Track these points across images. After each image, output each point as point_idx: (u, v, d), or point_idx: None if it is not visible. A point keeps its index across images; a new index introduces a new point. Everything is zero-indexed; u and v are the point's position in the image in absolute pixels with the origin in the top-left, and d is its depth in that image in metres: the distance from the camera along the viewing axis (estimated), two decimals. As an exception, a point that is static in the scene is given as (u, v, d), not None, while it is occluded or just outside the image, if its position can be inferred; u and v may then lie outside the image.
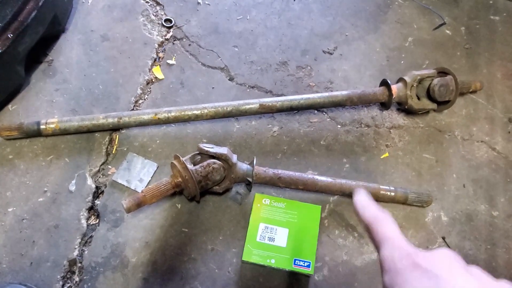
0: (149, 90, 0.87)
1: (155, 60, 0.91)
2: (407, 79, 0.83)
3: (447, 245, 0.76)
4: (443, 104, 0.85)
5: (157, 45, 0.92)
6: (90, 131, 0.79)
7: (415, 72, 0.83)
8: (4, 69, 0.76)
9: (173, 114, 0.78)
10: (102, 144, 0.79)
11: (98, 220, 0.73)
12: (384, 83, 0.84)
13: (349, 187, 0.74)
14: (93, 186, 0.75)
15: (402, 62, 0.96)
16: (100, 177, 0.77)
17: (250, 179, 0.72)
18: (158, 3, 0.98)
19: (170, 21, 0.96)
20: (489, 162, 0.85)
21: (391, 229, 0.37)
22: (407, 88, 0.83)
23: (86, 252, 0.70)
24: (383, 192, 0.75)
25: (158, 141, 0.81)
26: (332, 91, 0.89)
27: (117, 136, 0.81)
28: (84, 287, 0.67)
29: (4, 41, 0.73)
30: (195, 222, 0.74)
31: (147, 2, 0.98)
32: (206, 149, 0.70)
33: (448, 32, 1.01)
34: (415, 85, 0.83)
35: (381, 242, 0.36)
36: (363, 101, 0.83)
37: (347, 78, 0.92)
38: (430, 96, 0.84)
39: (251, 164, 0.73)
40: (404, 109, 0.87)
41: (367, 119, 0.88)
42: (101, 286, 0.67)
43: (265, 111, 0.80)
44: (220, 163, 0.70)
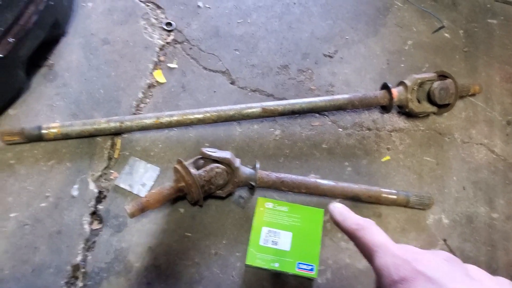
0: (150, 94, 0.87)
1: (156, 64, 0.90)
2: (408, 82, 0.84)
3: (448, 247, 0.77)
4: (443, 107, 0.86)
5: (158, 49, 0.92)
6: (92, 135, 0.78)
7: (415, 76, 0.84)
8: (5, 73, 0.75)
9: (175, 118, 0.78)
10: (104, 148, 0.79)
11: (101, 225, 0.72)
12: (385, 86, 0.85)
13: (351, 190, 0.75)
14: (96, 191, 0.75)
15: (402, 65, 0.96)
16: (102, 181, 0.76)
17: (253, 183, 0.72)
18: (159, 7, 0.98)
19: (170, 24, 0.95)
20: (488, 165, 0.86)
21: (380, 236, 0.35)
22: (407, 92, 0.83)
23: (90, 257, 0.70)
24: (385, 195, 0.75)
25: (160, 145, 0.81)
26: (333, 95, 0.89)
27: (119, 140, 0.80)
28: (87, 293, 0.67)
29: (5, 46, 0.73)
30: (198, 226, 0.74)
31: (147, 5, 0.98)
32: (209, 153, 0.70)
33: (447, 35, 1.02)
34: (415, 89, 0.83)
35: (373, 251, 0.34)
36: (364, 105, 0.83)
37: (347, 81, 0.93)
38: (430, 99, 0.84)
39: (254, 168, 0.73)
40: (405, 112, 0.87)
41: (368, 122, 0.88)
42: (104, 292, 0.67)
43: (267, 115, 0.80)
44: (223, 167, 0.70)
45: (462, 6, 1.07)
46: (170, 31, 0.95)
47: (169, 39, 0.94)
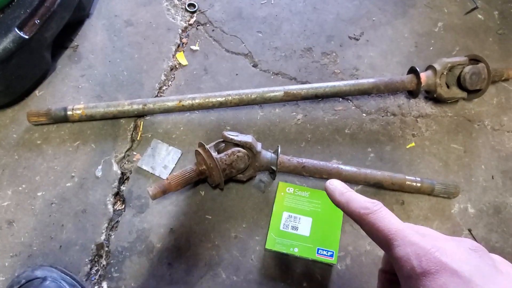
0: (172, 76, 0.87)
1: (178, 46, 0.90)
2: (437, 66, 0.80)
3: (473, 237, 0.75)
4: (473, 92, 0.82)
5: (180, 31, 0.92)
6: (115, 117, 0.79)
7: (445, 60, 0.80)
8: (32, 55, 0.76)
9: (197, 101, 0.78)
10: (127, 130, 0.80)
11: (123, 206, 0.74)
12: (413, 70, 0.82)
13: (374, 177, 0.73)
14: (119, 172, 0.76)
15: (431, 48, 0.93)
16: (125, 163, 0.78)
17: (274, 168, 0.72)
18: (181, -13, 0.97)
19: (193, 5, 0.94)
20: (520, 153, 0.82)
21: (394, 221, 0.31)
22: (436, 76, 0.80)
23: (113, 236, 0.71)
24: (409, 183, 0.74)
25: (182, 128, 0.81)
26: (357, 78, 0.87)
27: (142, 122, 0.81)
28: (111, 271, 0.69)
29: (32, 27, 0.74)
30: (218, 209, 0.74)
31: (170, -14, 0.97)
32: (231, 137, 0.70)
33: (480, 16, 0.97)
34: (445, 73, 0.80)
35: (390, 239, 0.30)
36: (390, 89, 0.81)
37: (373, 65, 0.90)
38: (460, 84, 0.81)
39: (276, 153, 0.73)
40: (433, 97, 0.84)
41: (393, 107, 0.86)
42: (127, 270, 0.69)
43: (290, 99, 0.79)
44: (244, 151, 0.69)
45: (498, -14, 1.02)
46: (193, 12, 0.94)
47: (191, 21, 0.94)
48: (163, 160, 0.77)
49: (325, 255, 0.66)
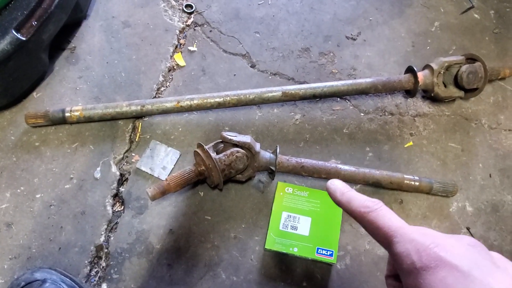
0: (170, 77, 0.87)
1: (176, 47, 0.90)
2: (434, 66, 0.81)
3: (472, 235, 0.75)
4: (470, 91, 0.83)
5: (178, 32, 0.92)
6: (113, 118, 0.79)
7: (442, 59, 0.81)
8: (29, 56, 0.76)
9: (195, 102, 0.78)
10: (125, 131, 0.80)
11: (123, 207, 0.74)
12: (410, 70, 0.82)
13: (373, 176, 0.73)
14: (118, 173, 0.76)
15: (428, 47, 0.93)
16: (124, 164, 0.77)
17: (273, 168, 0.72)
18: (179, -12, 0.97)
19: (191, 6, 0.95)
20: (517, 152, 0.83)
21: (394, 219, 0.32)
22: (433, 75, 0.81)
23: (112, 238, 0.71)
24: (407, 182, 0.74)
25: (180, 128, 0.81)
26: (355, 78, 0.88)
27: (140, 123, 0.81)
28: (110, 272, 0.69)
29: (29, 29, 0.74)
30: (218, 210, 0.74)
31: (167, -13, 0.97)
32: (230, 137, 0.70)
33: (476, 16, 0.98)
34: (442, 72, 0.81)
35: (390, 236, 0.31)
36: (388, 89, 0.81)
37: (370, 64, 0.90)
38: (457, 83, 0.81)
39: (274, 153, 0.73)
40: (430, 96, 0.85)
41: (391, 107, 0.86)
42: (127, 272, 0.69)
43: (288, 99, 0.79)
44: (243, 151, 0.69)
45: (494, -15, 1.02)
46: (190, 13, 0.94)
47: (189, 22, 0.94)
48: (162, 161, 0.77)
49: (324, 254, 0.66)
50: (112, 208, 0.74)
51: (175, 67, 0.88)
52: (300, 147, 0.81)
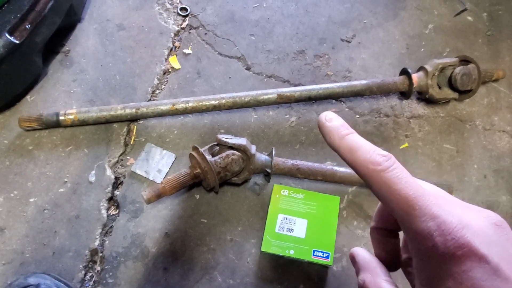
0: (165, 80, 0.87)
1: (171, 50, 0.90)
2: (428, 67, 0.81)
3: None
4: (465, 93, 0.83)
5: (173, 34, 0.92)
6: (108, 122, 0.79)
7: (436, 61, 0.81)
8: (23, 60, 0.76)
9: (190, 104, 0.77)
10: (120, 134, 0.79)
11: (118, 211, 0.73)
12: (405, 72, 0.83)
13: (369, 178, 0.73)
14: (112, 176, 0.76)
15: (422, 50, 0.94)
16: (119, 167, 0.77)
17: (269, 170, 0.72)
18: (173, -9, 0.97)
19: (185, 9, 0.94)
20: (511, 152, 0.83)
21: (413, 184, 0.25)
22: (428, 77, 0.81)
23: (107, 242, 0.71)
24: (403, 183, 0.74)
25: (175, 131, 0.81)
26: (350, 80, 0.88)
27: (135, 126, 0.81)
28: (105, 277, 0.68)
29: (22, 32, 0.73)
30: (213, 212, 0.74)
31: (162, -10, 0.97)
32: (225, 140, 0.69)
33: (469, 18, 0.99)
34: (436, 74, 0.81)
35: (407, 208, 0.24)
36: (382, 91, 0.81)
37: (365, 67, 0.91)
38: (451, 85, 0.82)
39: (270, 155, 0.73)
40: (425, 98, 0.85)
41: (386, 108, 0.86)
42: (122, 276, 0.68)
43: (283, 101, 0.79)
44: (239, 154, 0.69)
45: (486, -12, 1.03)
46: (185, 16, 0.94)
47: (184, 25, 0.94)
48: (157, 164, 0.77)
49: (321, 256, 0.66)
50: (107, 212, 0.73)
51: (170, 70, 0.88)
52: (295, 149, 0.81)
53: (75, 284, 0.67)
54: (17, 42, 0.72)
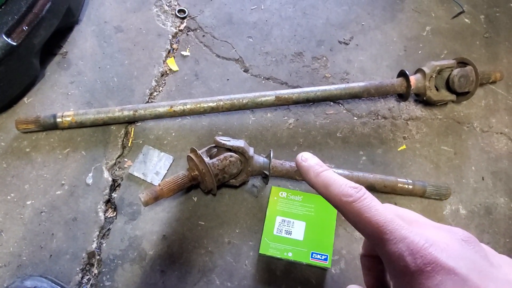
0: (163, 82, 0.86)
1: (169, 52, 0.90)
2: (426, 69, 0.81)
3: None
4: (462, 95, 0.84)
5: (171, 36, 0.92)
6: (106, 124, 0.78)
7: (434, 63, 0.81)
8: (20, 62, 0.76)
9: (188, 106, 0.77)
10: (118, 137, 0.79)
11: (115, 213, 0.73)
12: (402, 74, 0.83)
13: (366, 180, 0.73)
14: (110, 179, 0.75)
15: (419, 52, 0.94)
16: (116, 170, 0.77)
17: (267, 172, 0.72)
18: (171, -7, 0.97)
19: (183, 11, 0.94)
20: (508, 154, 0.83)
21: (383, 211, 0.28)
22: (425, 79, 0.81)
23: (104, 244, 0.70)
24: (401, 185, 0.74)
25: (173, 133, 0.81)
26: (348, 82, 0.88)
27: (133, 128, 0.80)
28: (103, 279, 0.68)
29: (20, 34, 0.73)
30: (211, 215, 0.74)
31: (160, -8, 0.97)
32: (223, 142, 0.69)
33: (467, 20, 0.99)
34: (434, 76, 0.81)
35: (380, 233, 0.27)
36: (380, 93, 0.81)
37: (363, 69, 0.91)
38: (449, 87, 0.82)
39: (268, 157, 0.73)
40: (422, 100, 0.85)
41: (384, 110, 0.86)
42: (119, 279, 0.68)
43: (281, 103, 0.79)
44: (237, 156, 0.69)
45: (483, -10, 1.04)
46: (183, 18, 0.94)
47: (182, 27, 0.94)
48: (154, 166, 0.77)
49: (319, 259, 0.66)
50: (104, 214, 0.73)
51: (168, 72, 0.88)
52: (293, 151, 0.81)
53: (72, 287, 0.67)
54: (15, 44, 0.72)
